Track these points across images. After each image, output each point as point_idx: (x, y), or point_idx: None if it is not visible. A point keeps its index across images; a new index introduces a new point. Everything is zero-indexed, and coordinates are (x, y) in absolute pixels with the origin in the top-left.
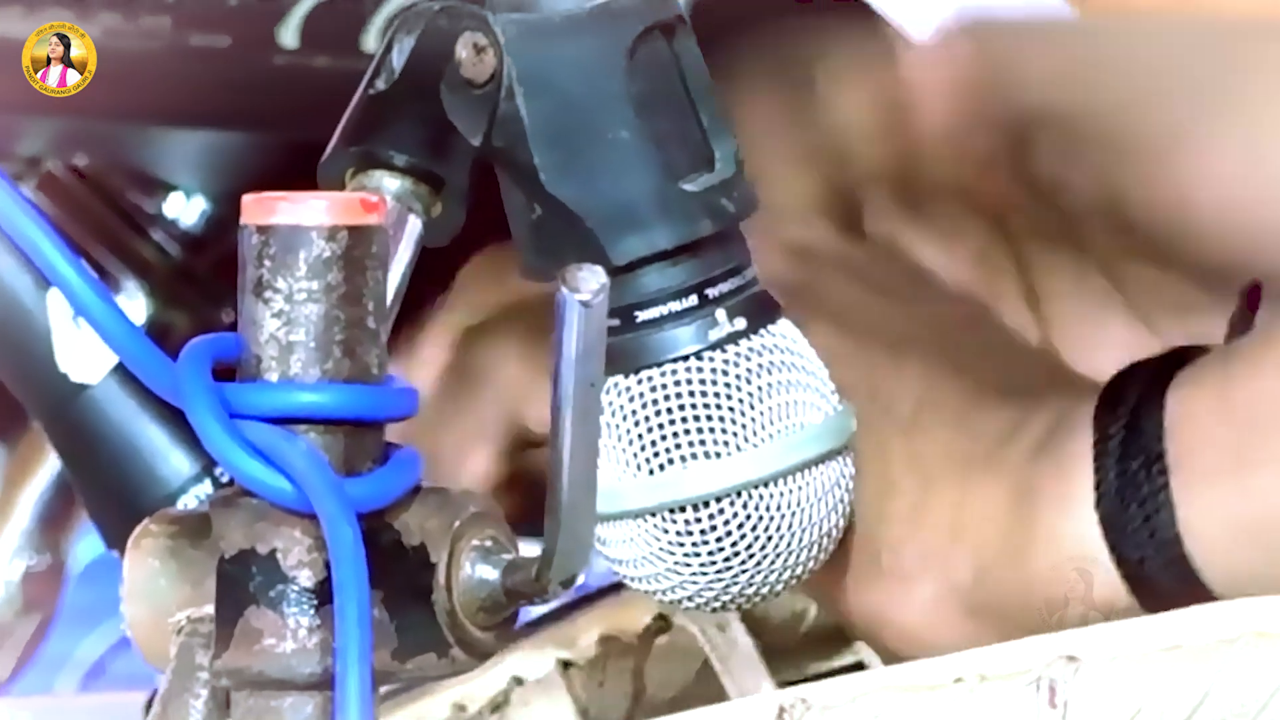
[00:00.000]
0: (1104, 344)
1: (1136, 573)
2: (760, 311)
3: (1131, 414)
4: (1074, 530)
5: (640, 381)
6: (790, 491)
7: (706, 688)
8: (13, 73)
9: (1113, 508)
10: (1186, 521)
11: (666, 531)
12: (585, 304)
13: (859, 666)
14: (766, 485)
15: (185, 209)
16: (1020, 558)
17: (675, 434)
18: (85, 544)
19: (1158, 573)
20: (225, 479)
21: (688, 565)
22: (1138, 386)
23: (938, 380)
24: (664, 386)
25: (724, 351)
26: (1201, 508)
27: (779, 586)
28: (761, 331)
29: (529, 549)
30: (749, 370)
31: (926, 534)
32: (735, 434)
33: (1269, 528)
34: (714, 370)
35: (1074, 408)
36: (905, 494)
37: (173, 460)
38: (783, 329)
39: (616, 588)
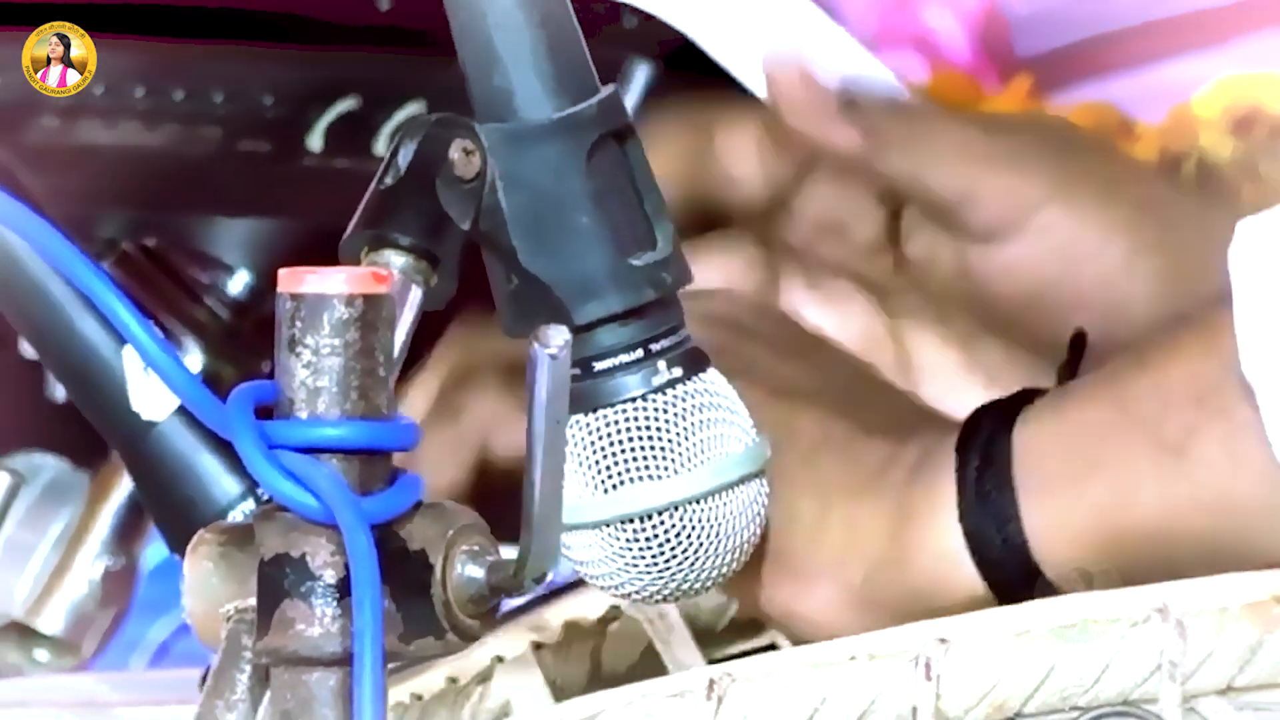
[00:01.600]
0: (960, 410)
1: (993, 575)
2: (693, 362)
3: (985, 445)
4: (942, 542)
5: (597, 419)
6: (716, 507)
7: (650, 664)
8: (95, 172)
9: (973, 523)
10: (1032, 531)
11: (618, 539)
12: (553, 356)
13: (773, 647)
14: (697, 502)
15: (233, 281)
16: (900, 564)
17: (624, 460)
18: (153, 549)
19: (1010, 574)
20: (265, 497)
21: (635, 566)
22: (990, 423)
23: (830, 421)
24: (615, 423)
25: (664, 394)
26: (1043, 520)
27: (708, 583)
28: (694, 378)
29: (508, 552)
30: (684, 409)
31: (824, 545)
32: (673, 460)
33: (1097, 534)
34: (656, 410)
35: (940, 441)
36: (807, 512)
37: (223, 483)
38: (711, 376)
39: (578, 584)
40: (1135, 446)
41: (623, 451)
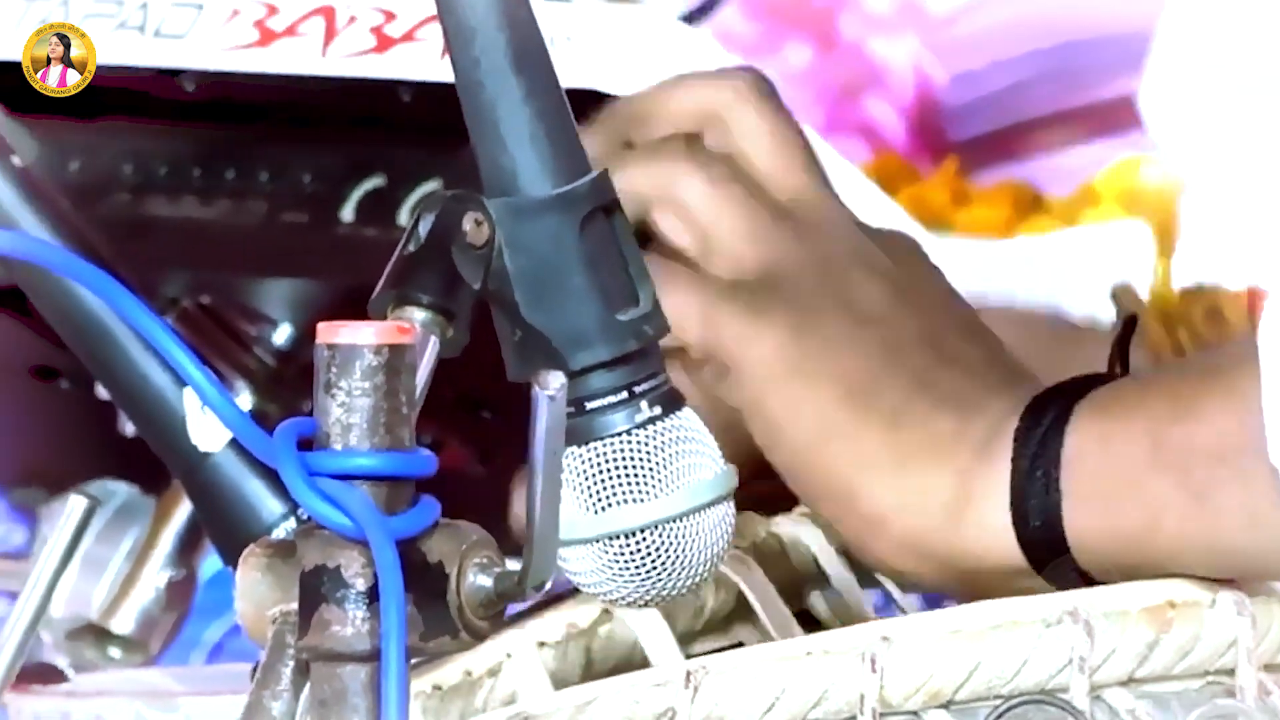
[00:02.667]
0: None
1: (1031, 552)
2: (671, 402)
3: (1040, 443)
4: (993, 518)
5: (589, 451)
6: (690, 525)
7: (636, 660)
8: (159, 241)
9: (1021, 508)
10: (1069, 525)
11: (607, 553)
12: (551, 398)
13: (739, 644)
14: (674, 521)
15: (277, 333)
16: (956, 529)
17: (612, 486)
18: (209, 562)
19: (1045, 553)
20: (305, 517)
21: (621, 576)
22: (1048, 415)
23: (913, 392)
24: (604, 455)
25: (645, 430)
26: (1079, 522)
27: (683, 589)
28: (671, 416)
29: (513, 564)
30: (662, 442)
31: (899, 500)
32: (653, 486)
33: (1122, 547)
34: (638, 443)
35: (1003, 421)
36: (889, 470)
37: (269, 505)
38: (686, 414)
39: (574, 591)
40: (1165, 486)
41: (610, 478)
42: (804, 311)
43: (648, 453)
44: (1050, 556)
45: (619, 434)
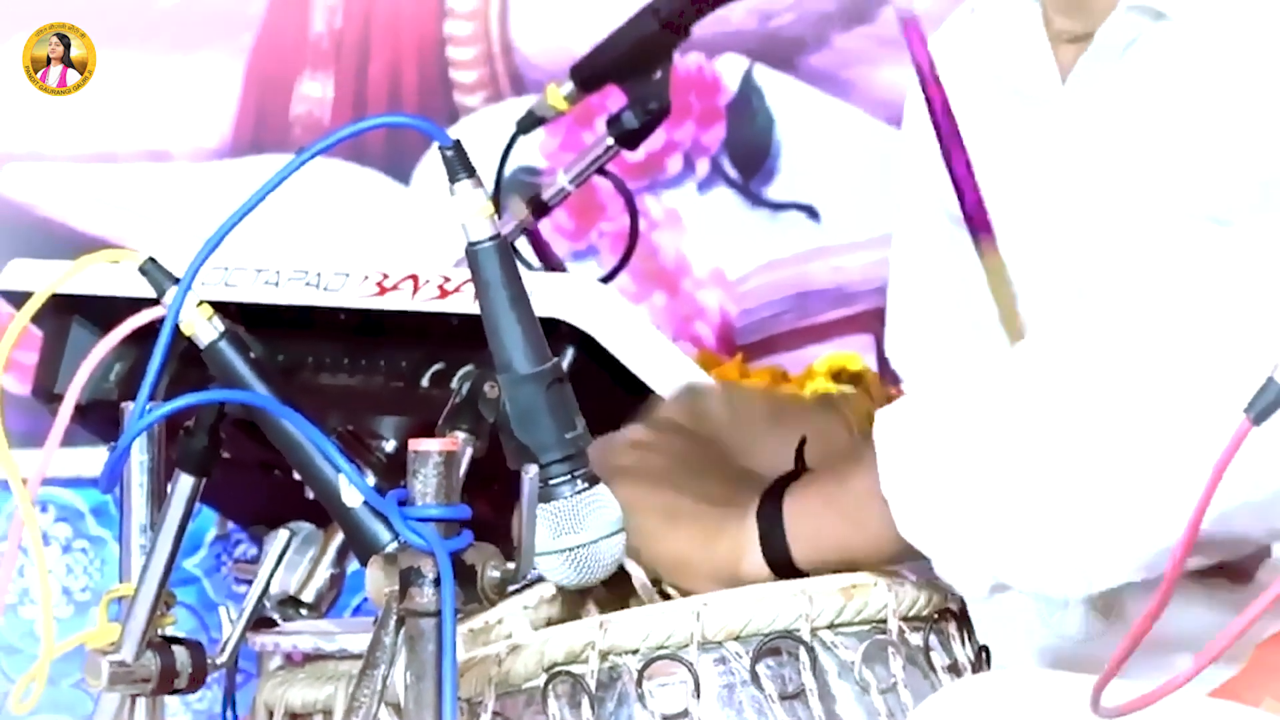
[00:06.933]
0: None
1: (777, 570)
2: (593, 480)
3: (771, 509)
4: (755, 555)
5: (551, 506)
6: (602, 545)
7: (577, 617)
8: (325, 397)
9: (766, 546)
10: (793, 549)
11: (561, 559)
12: (531, 478)
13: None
14: (594, 543)
15: (388, 445)
16: (738, 566)
17: (563, 524)
18: (354, 564)
19: (784, 570)
20: (402, 541)
21: (568, 571)
22: (773, 495)
23: (704, 499)
24: (559, 508)
25: (579, 496)
26: (797, 547)
27: (601, 577)
28: (593, 489)
29: (510, 565)
30: (587, 503)
31: (702, 558)
32: (583, 524)
33: (821, 556)
34: (576, 503)
35: (753, 501)
36: (694, 543)
37: (383, 534)
38: (601, 488)
39: (541, 579)
40: (839, 523)
41: (562, 521)
42: (641, 481)
43: (580, 508)
44: (790, 573)
45: (566, 498)
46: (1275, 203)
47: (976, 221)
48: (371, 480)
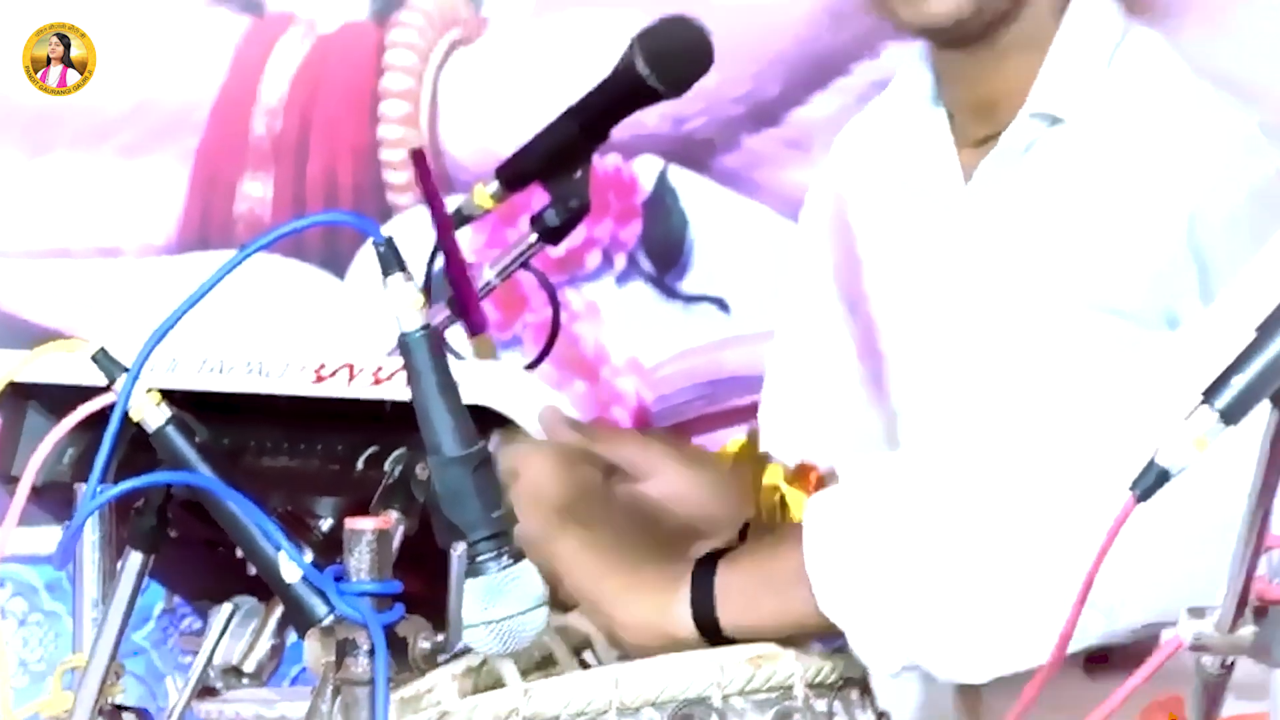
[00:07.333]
0: None
1: (705, 634)
2: (517, 556)
3: (703, 577)
4: (685, 618)
5: (478, 581)
6: (525, 617)
7: (501, 684)
8: (266, 480)
9: (696, 610)
10: (721, 615)
11: (487, 630)
12: (459, 556)
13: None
14: (517, 615)
15: (324, 523)
16: (669, 625)
17: (489, 598)
18: (293, 636)
19: (712, 635)
20: (338, 615)
21: (494, 641)
22: (706, 565)
23: (642, 556)
24: (486, 583)
25: (504, 572)
26: (725, 614)
27: (523, 647)
28: (517, 564)
29: (440, 636)
30: (511, 577)
31: (636, 614)
32: (507, 598)
33: (748, 624)
34: (500, 579)
35: (687, 566)
36: (630, 598)
37: (320, 608)
38: (525, 563)
39: (469, 650)
40: (764, 595)
41: (488, 594)
42: (588, 528)
43: (505, 583)
44: (716, 636)
45: (492, 573)
46: (1166, 293)
47: None
48: (309, 557)
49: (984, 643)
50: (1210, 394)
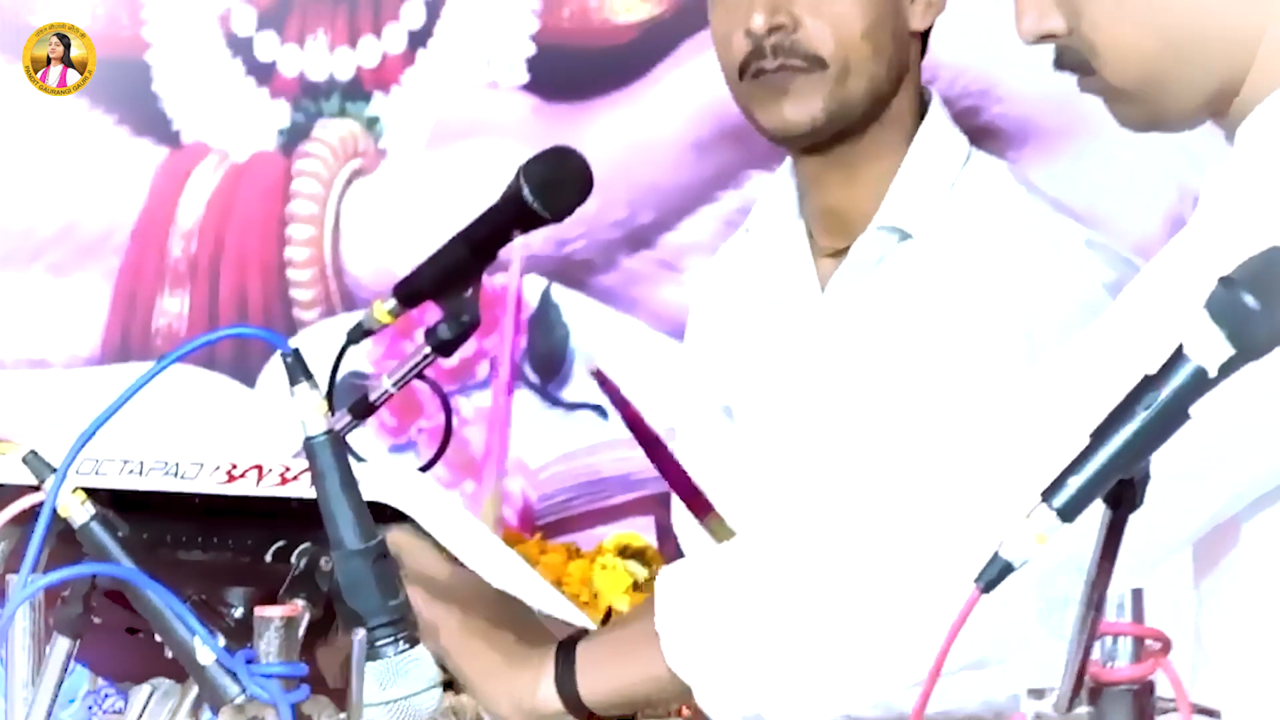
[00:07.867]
0: None
1: (570, 707)
2: (414, 640)
3: (565, 655)
4: (551, 694)
5: (377, 664)
6: (421, 697)
7: None
8: (181, 571)
9: (560, 686)
10: (582, 690)
11: (386, 710)
12: (360, 640)
13: None
14: (414, 695)
15: (237, 611)
16: (536, 702)
17: (388, 680)
18: (207, 714)
19: (576, 709)
20: (249, 695)
21: (390, 719)
22: (567, 646)
23: (507, 640)
24: (384, 666)
25: (401, 655)
26: (585, 688)
27: None
28: (414, 648)
29: (342, 715)
30: (408, 660)
31: (507, 694)
32: (404, 679)
33: (605, 696)
34: (397, 662)
35: (550, 647)
36: (500, 681)
37: (233, 688)
38: (420, 648)
39: None
40: (619, 662)
41: (387, 677)
42: (459, 618)
43: (402, 665)
44: (579, 711)
45: (390, 656)
46: (997, 400)
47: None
48: (222, 641)
49: (819, 693)
50: (1049, 494)
